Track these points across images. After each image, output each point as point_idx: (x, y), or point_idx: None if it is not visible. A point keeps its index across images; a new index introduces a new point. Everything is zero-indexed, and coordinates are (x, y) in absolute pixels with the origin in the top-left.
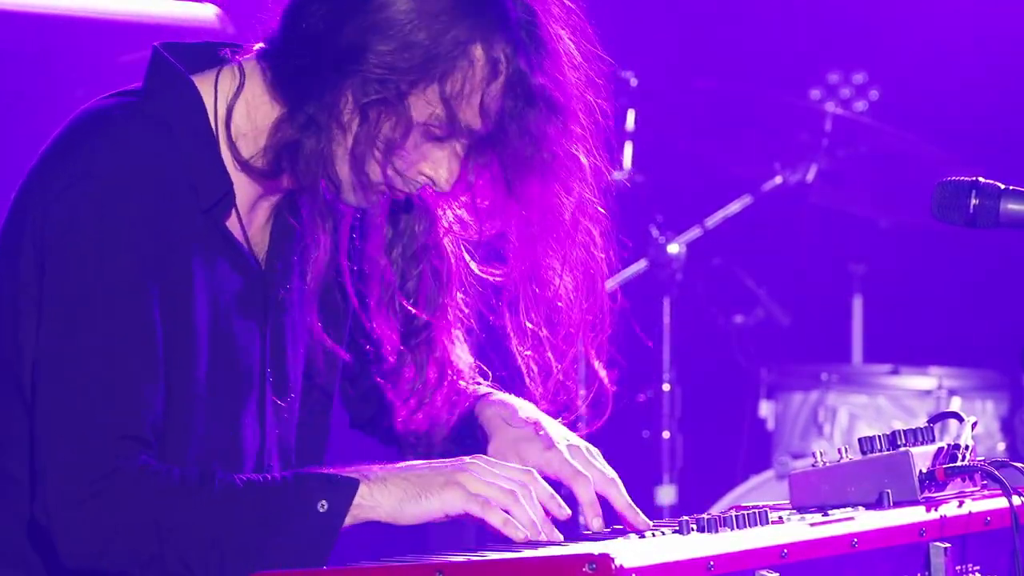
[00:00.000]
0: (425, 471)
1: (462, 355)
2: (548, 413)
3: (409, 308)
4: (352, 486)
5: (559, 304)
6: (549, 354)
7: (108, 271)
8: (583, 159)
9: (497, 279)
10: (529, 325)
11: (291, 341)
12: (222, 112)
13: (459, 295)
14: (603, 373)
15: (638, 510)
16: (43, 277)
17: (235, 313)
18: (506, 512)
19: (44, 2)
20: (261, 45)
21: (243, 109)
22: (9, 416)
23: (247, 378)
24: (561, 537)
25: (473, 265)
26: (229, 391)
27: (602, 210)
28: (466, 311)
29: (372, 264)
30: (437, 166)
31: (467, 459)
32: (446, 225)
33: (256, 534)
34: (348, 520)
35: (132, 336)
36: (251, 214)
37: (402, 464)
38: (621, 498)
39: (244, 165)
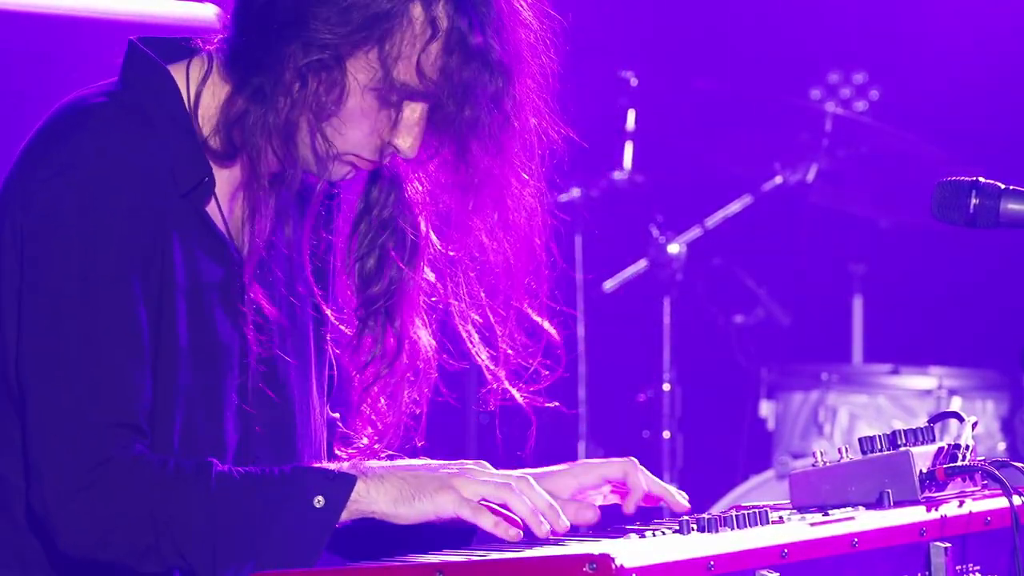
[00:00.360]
0: (422, 472)
1: (423, 335)
2: (504, 380)
3: (369, 278)
4: (349, 483)
5: (495, 269)
6: (492, 319)
7: (89, 261)
8: (526, 122)
9: (445, 251)
10: (452, 293)
11: (270, 335)
12: (193, 98)
13: (427, 272)
14: (547, 325)
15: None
16: (23, 269)
17: (216, 303)
18: (503, 507)
19: (45, 2)
20: (223, 35)
21: (209, 94)
22: (3, 418)
23: (228, 368)
24: (567, 524)
25: (436, 241)
26: (210, 382)
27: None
28: (436, 290)
29: (339, 235)
30: (400, 133)
31: (468, 463)
32: (415, 197)
33: (251, 527)
34: (344, 516)
35: (116, 325)
36: (231, 205)
37: (401, 463)
38: (649, 479)
39: (205, 146)
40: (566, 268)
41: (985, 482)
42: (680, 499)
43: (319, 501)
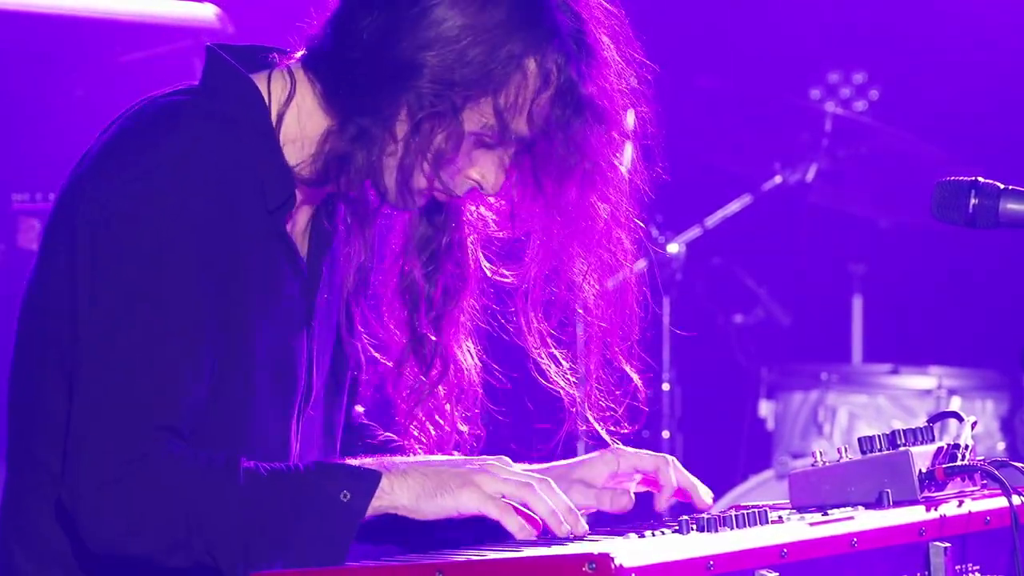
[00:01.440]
0: (445, 467)
1: (467, 358)
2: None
3: (421, 304)
4: (374, 478)
5: (583, 307)
6: (569, 357)
7: (160, 267)
8: (621, 167)
9: (509, 281)
10: (538, 328)
11: (318, 349)
12: (275, 117)
13: (471, 300)
14: (635, 376)
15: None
16: (94, 268)
17: (290, 317)
18: (524, 505)
19: (44, 2)
20: (303, 52)
21: (294, 115)
22: (54, 409)
23: (294, 383)
24: (586, 528)
25: (487, 268)
26: (282, 394)
27: (638, 222)
28: (476, 315)
29: (394, 258)
30: (485, 171)
31: (490, 459)
32: (472, 223)
33: (278, 523)
34: (369, 512)
35: (176, 331)
36: (295, 219)
37: (423, 458)
38: (680, 474)
39: (291, 172)
40: (657, 313)
41: (984, 482)
42: (704, 496)
43: (345, 496)
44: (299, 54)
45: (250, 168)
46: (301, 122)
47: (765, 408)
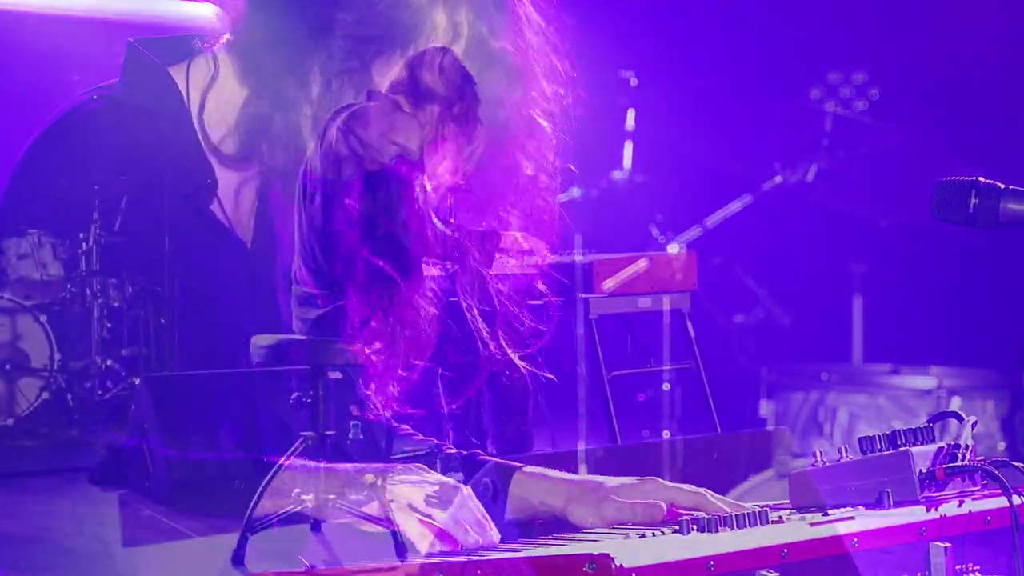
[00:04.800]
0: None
1: (427, 307)
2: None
3: (379, 267)
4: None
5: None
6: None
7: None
8: (542, 122)
9: (451, 235)
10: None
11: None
12: (196, 100)
13: (431, 259)
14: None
15: (733, 502)
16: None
17: (224, 293)
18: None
19: (44, 2)
20: (228, 36)
21: (215, 98)
22: None
23: (235, 358)
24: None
25: (439, 224)
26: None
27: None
28: (435, 276)
29: (345, 221)
30: (408, 134)
31: (399, 467)
32: (417, 190)
33: None
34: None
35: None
36: (237, 198)
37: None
38: (714, 505)
39: (214, 151)
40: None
41: (985, 482)
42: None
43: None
44: (226, 37)
45: (164, 154)
46: (221, 105)
47: (765, 408)
